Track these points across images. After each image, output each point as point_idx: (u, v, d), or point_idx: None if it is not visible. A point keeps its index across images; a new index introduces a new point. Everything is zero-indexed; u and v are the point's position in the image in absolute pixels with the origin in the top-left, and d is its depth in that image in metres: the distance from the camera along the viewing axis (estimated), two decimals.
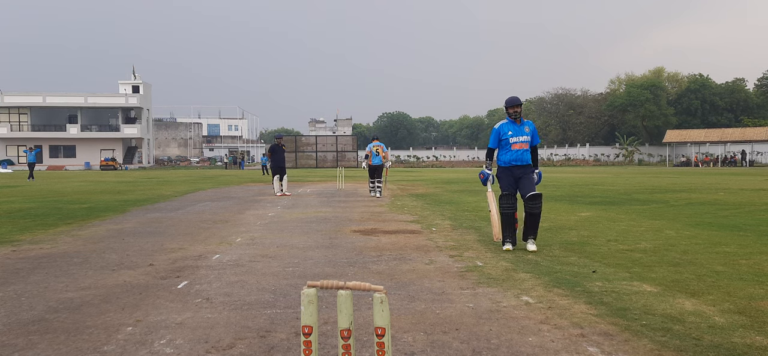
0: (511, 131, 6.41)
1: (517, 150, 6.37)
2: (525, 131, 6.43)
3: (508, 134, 6.40)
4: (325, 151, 61.15)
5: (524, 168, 6.39)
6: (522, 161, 6.37)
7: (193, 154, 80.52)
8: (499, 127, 6.48)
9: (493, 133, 6.51)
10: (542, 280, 4.86)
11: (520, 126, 6.44)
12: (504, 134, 6.43)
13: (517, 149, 6.37)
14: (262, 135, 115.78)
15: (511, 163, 6.38)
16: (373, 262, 5.80)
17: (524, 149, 6.38)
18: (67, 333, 3.54)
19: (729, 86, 71.24)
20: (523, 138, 6.39)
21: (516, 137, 6.38)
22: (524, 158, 6.38)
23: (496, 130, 6.50)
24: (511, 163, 6.38)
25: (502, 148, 6.44)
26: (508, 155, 6.39)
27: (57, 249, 6.67)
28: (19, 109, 60.87)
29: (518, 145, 6.37)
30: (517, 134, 6.40)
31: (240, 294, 4.49)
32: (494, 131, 6.50)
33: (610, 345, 3.24)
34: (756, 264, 5.41)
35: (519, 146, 6.37)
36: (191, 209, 11.90)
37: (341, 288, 2.12)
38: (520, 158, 6.37)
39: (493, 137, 6.50)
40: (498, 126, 6.50)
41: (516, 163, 6.37)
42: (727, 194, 14.59)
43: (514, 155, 6.37)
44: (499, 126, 6.49)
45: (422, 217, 9.92)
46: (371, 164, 15.23)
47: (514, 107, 6.43)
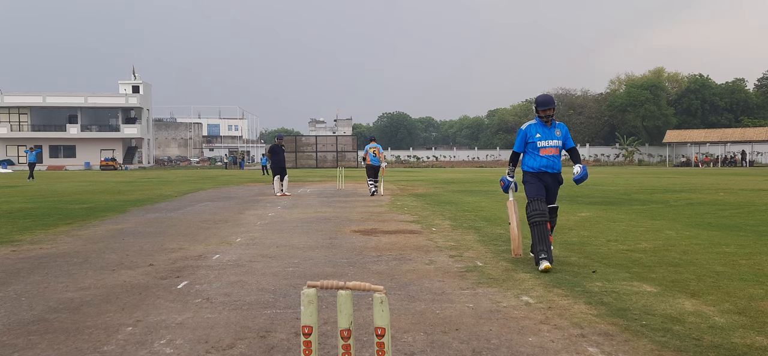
0: (540, 133, 5.63)
1: (548, 156, 5.60)
2: (556, 134, 5.66)
3: (535, 138, 5.63)
4: (325, 151, 61.15)
5: (554, 177, 5.67)
6: (553, 169, 5.62)
7: (193, 154, 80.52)
8: (526, 128, 5.72)
9: (520, 135, 5.75)
10: (542, 280, 4.86)
11: (550, 129, 5.66)
12: (531, 137, 5.66)
13: (547, 154, 5.60)
14: (262, 135, 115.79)
15: (541, 169, 5.63)
16: (373, 262, 5.80)
17: (555, 156, 5.63)
18: (67, 333, 3.54)
19: (729, 86, 71.25)
20: (553, 143, 5.63)
21: (545, 142, 5.61)
22: (555, 166, 5.63)
23: (522, 131, 5.74)
24: (541, 169, 5.63)
25: (529, 153, 5.71)
26: (535, 161, 5.64)
27: (57, 249, 6.67)
28: (19, 109, 60.86)
29: (548, 150, 5.60)
30: (547, 138, 5.63)
31: (240, 294, 4.49)
32: (520, 133, 5.75)
33: (610, 345, 3.24)
34: (756, 264, 5.41)
35: (549, 152, 5.60)
36: (191, 209, 11.90)
37: (341, 288, 2.12)
38: (551, 165, 5.61)
39: (519, 140, 5.75)
40: (525, 127, 5.74)
41: (546, 169, 5.62)
42: (727, 194, 14.59)
43: (544, 162, 5.61)
44: (526, 127, 5.73)
45: (422, 217, 9.92)
46: (369, 164, 16.25)
47: (546, 108, 5.63)
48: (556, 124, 5.73)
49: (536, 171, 5.65)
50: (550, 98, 5.68)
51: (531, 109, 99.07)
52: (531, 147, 5.69)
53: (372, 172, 16.11)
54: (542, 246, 5.28)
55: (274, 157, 16.32)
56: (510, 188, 5.95)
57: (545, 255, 5.24)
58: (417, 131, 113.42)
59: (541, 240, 5.31)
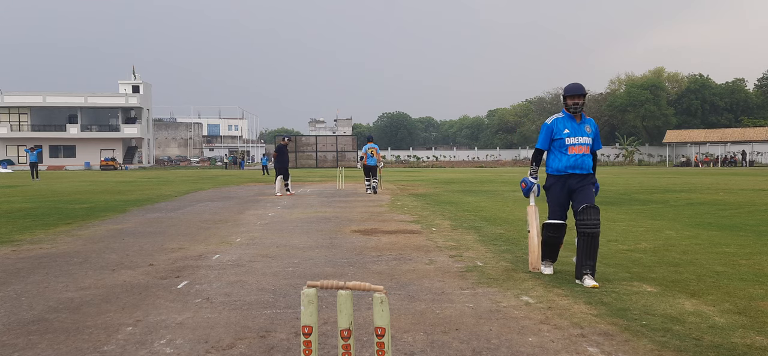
0: (569, 129, 4.94)
1: (576, 154, 4.90)
2: (585, 131, 4.97)
3: (563, 133, 4.94)
4: (325, 151, 61.14)
5: (583, 178, 4.94)
6: (582, 169, 4.92)
7: (193, 154, 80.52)
8: (552, 122, 5.02)
9: (544, 130, 5.05)
10: (542, 280, 4.86)
11: (580, 124, 4.97)
12: (558, 133, 4.97)
13: (576, 153, 4.90)
14: (262, 135, 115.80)
15: (567, 170, 4.91)
16: (373, 262, 5.80)
17: (585, 154, 4.93)
18: (67, 333, 3.54)
19: (729, 86, 71.28)
20: (583, 140, 4.93)
21: (574, 138, 4.92)
22: (585, 165, 4.93)
23: (547, 126, 5.03)
24: (568, 170, 4.90)
25: (555, 151, 5.00)
26: (563, 160, 4.93)
27: (57, 249, 6.67)
28: (19, 109, 60.87)
29: (577, 148, 4.91)
30: (577, 134, 4.93)
31: (240, 294, 4.49)
32: (545, 128, 5.04)
33: (610, 345, 3.24)
34: (756, 264, 5.41)
35: (578, 150, 4.91)
36: (191, 209, 11.90)
37: (341, 288, 2.12)
38: (580, 165, 4.90)
39: (544, 136, 5.05)
40: (551, 121, 5.04)
41: (574, 170, 4.90)
42: (727, 194, 14.59)
43: (572, 161, 4.90)
44: (552, 121, 5.03)
45: (422, 217, 9.92)
46: (366, 164, 16.90)
47: (576, 97, 4.92)
48: (585, 118, 5.05)
49: (562, 173, 4.94)
50: (580, 86, 4.97)
51: (531, 109, 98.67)
52: (557, 145, 4.98)
53: (369, 171, 16.80)
54: (549, 254, 5.13)
55: (281, 157, 16.36)
56: (532, 192, 5.22)
57: (550, 260, 5.13)
58: (417, 131, 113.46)
59: (550, 250, 5.10)
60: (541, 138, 5.07)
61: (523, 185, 5.26)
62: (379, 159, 17.16)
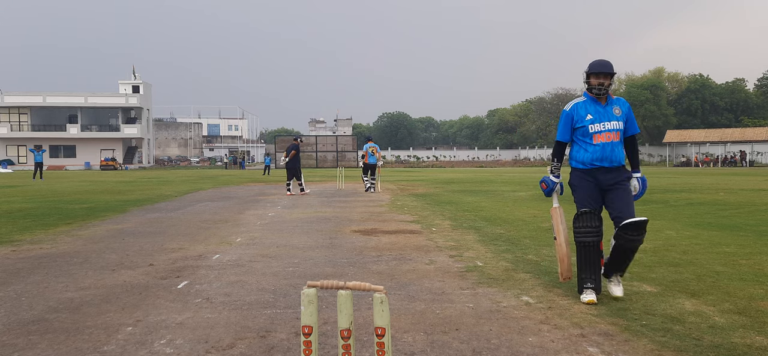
0: (592, 114, 4.24)
1: (603, 144, 4.20)
2: (614, 113, 4.24)
3: (586, 120, 4.24)
4: (325, 151, 61.15)
5: (614, 172, 4.23)
6: (610, 161, 4.21)
7: (193, 154, 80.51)
8: (571, 109, 4.34)
9: (563, 119, 4.38)
10: (542, 280, 4.86)
11: (606, 107, 4.26)
12: (580, 120, 4.27)
13: (603, 142, 4.20)
14: (262, 135, 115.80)
15: (593, 163, 4.24)
16: (373, 262, 5.80)
17: (614, 142, 4.20)
18: (67, 333, 3.54)
19: (729, 86, 71.28)
20: (611, 125, 4.20)
21: (599, 124, 4.21)
22: (614, 157, 4.21)
23: (567, 113, 4.35)
24: (594, 163, 4.23)
25: (579, 141, 4.31)
26: (587, 152, 4.24)
27: (57, 249, 6.67)
28: (19, 109, 60.87)
29: (604, 136, 4.19)
30: (602, 119, 4.21)
31: (240, 294, 4.49)
32: (564, 116, 4.37)
33: (610, 345, 3.24)
34: (756, 264, 5.41)
35: (605, 138, 4.19)
36: (191, 209, 11.90)
37: (341, 288, 2.12)
38: (608, 157, 4.20)
39: (563, 125, 4.36)
40: (570, 107, 4.36)
41: (602, 163, 4.21)
42: (727, 194, 14.59)
43: (598, 153, 4.21)
44: (571, 107, 4.35)
45: (422, 217, 9.91)
46: (367, 163, 17.38)
47: (601, 75, 4.21)
48: (612, 99, 4.30)
49: (588, 167, 4.26)
50: (608, 62, 4.24)
51: (531, 109, 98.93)
52: (580, 134, 4.28)
53: (369, 170, 17.29)
54: (589, 273, 4.16)
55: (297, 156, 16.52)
56: (554, 192, 4.56)
57: (592, 284, 4.14)
58: (417, 131, 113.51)
59: (588, 265, 4.16)
60: (561, 128, 4.38)
61: (543, 186, 4.53)
62: (378, 158, 17.56)
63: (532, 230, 7.95)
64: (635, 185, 4.29)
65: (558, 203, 4.56)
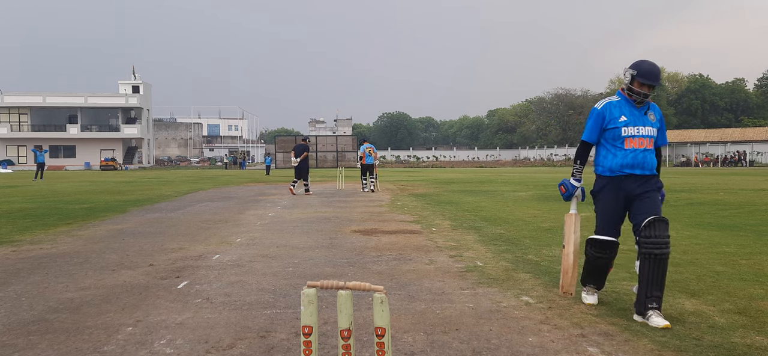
0: (627, 116, 3.91)
1: (636, 150, 3.87)
2: (649, 119, 3.94)
3: (620, 122, 3.90)
4: (325, 151, 61.17)
5: (645, 181, 3.91)
6: (643, 169, 3.88)
7: (193, 154, 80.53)
8: (603, 107, 3.98)
9: (593, 117, 4.01)
10: (542, 280, 4.86)
11: (640, 110, 3.94)
12: (613, 121, 3.92)
13: (635, 147, 3.87)
14: (262, 135, 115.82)
15: (623, 170, 3.88)
16: (373, 262, 5.80)
17: (647, 150, 3.89)
18: (67, 333, 3.54)
19: (729, 86, 71.33)
20: (646, 131, 3.90)
21: (634, 128, 3.88)
22: (646, 165, 3.88)
23: (598, 112, 3.99)
24: (624, 170, 3.88)
25: (607, 145, 3.96)
26: (616, 157, 3.90)
27: (57, 249, 6.67)
28: (19, 109, 60.89)
29: (637, 141, 3.87)
30: (637, 123, 3.90)
31: (240, 294, 4.49)
32: (595, 115, 4.00)
33: (610, 345, 3.25)
34: (756, 264, 5.41)
35: (638, 144, 3.87)
36: (191, 209, 11.90)
37: (341, 288, 2.12)
38: (640, 164, 3.87)
39: (592, 124, 4.00)
40: (601, 106, 4.00)
41: (633, 171, 3.88)
42: (727, 194, 14.59)
43: (629, 159, 3.87)
44: (603, 106, 3.99)
45: (422, 217, 9.92)
46: (365, 164, 17.57)
47: (648, 83, 3.85)
48: (649, 104, 3.99)
49: (616, 174, 3.91)
50: (658, 72, 3.91)
51: (531, 109, 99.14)
52: (611, 136, 3.93)
53: (367, 170, 17.52)
54: (593, 278, 4.06)
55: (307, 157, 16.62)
56: (573, 197, 4.22)
57: (594, 285, 4.08)
58: (417, 131, 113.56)
59: (594, 273, 4.04)
60: (589, 128, 4.00)
61: (562, 190, 4.19)
62: (376, 158, 17.83)
63: (532, 231, 7.95)
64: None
65: (576, 210, 4.21)
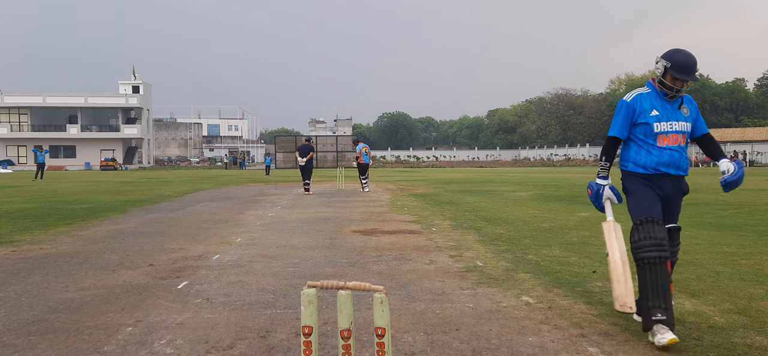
0: (658, 110, 3.52)
1: (671, 148, 3.49)
2: (683, 113, 3.56)
3: (651, 116, 3.50)
4: (325, 151, 61.16)
5: (679, 183, 3.60)
6: (677, 169, 3.54)
7: (193, 154, 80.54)
8: (633, 100, 3.57)
9: (622, 111, 3.59)
10: (542, 280, 4.86)
11: (673, 104, 3.55)
12: (643, 115, 3.52)
13: (669, 145, 3.49)
14: (262, 135, 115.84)
15: (657, 169, 3.50)
16: (373, 262, 5.80)
17: (681, 147, 3.54)
18: (67, 333, 3.54)
19: (729, 86, 71.31)
20: (680, 126, 3.52)
21: (666, 123, 3.49)
22: (682, 164, 3.55)
23: (628, 105, 3.58)
24: (659, 169, 3.50)
25: (639, 141, 3.56)
26: (650, 156, 3.51)
27: (57, 249, 6.67)
28: (19, 109, 60.90)
29: (671, 138, 3.50)
30: (669, 118, 3.50)
31: (240, 294, 4.49)
32: (624, 108, 3.58)
33: (610, 345, 3.24)
34: (756, 264, 5.41)
35: (672, 140, 3.50)
36: (191, 209, 11.90)
37: (341, 288, 2.12)
38: (676, 163, 3.51)
39: (622, 118, 3.58)
40: (631, 98, 3.59)
41: (668, 170, 3.51)
42: (727, 193, 14.58)
43: (666, 157, 3.49)
44: (632, 99, 3.58)
45: (422, 217, 9.91)
46: (362, 163, 17.64)
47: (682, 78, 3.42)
48: (682, 97, 3.59)
49: (651, 173, 3.52)
50: (694, 64, 3.48)
51: (531, 109, 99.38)
52: (642, 132, 3.54)
53: (364, 170, 17.64)
54: (657, 299, 3.25)
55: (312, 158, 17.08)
56: (605, 199, 3.69)
57: (663, 315, 3.21)
58: (417, 131, 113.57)
59: (656, 288, 3.26)
60: (618, 122, 3.58)
61: (589, 192, 3.77)
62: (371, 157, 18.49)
63: (532, 231, 7.95)
64: (729, 166, 3.54)
65: (612, 215, 3.65)
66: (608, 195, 3.66)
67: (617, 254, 3.48)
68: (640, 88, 3.66)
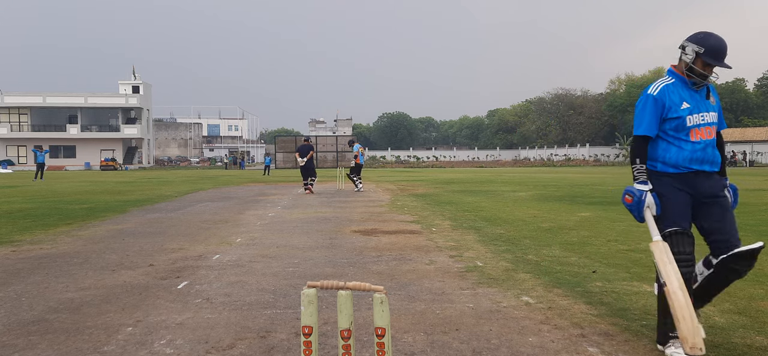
0: (688, 102, 3.21)
1: (704, 142, 3.20)
2: (710, 104, 3.26)
3: (683, 109, 3.19)
4: (325, 151, 61.14)
5: (713, 179, 3.25)
6: (712, 164, 3.23)
7: (193, 154, 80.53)
8: (660, 93, 3.22)
9: (649, 105, 3.23)
10: (542, 280, 4.86)
11: (701, 93, 3.25)
12: (674, 108, 3.19)
13: (703, 139, 3.20)
14: (262, 135, 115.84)
15: (690, 167, 3.19)
16: (373, 262, 5.80)
17: (712, 140, 3.24)
18: (67, 333, 3.54)
19: (729, 86, 71.31)
20: (710, 117, 3.23)
21: (697, 115, 3.20)
22: (715, 159, 3.24)
23: (654, 98, 3.23)
24: (692, 166, 3.19)
25: (669, 137, 3.23)
26: (683, 150, 3.19)
27: (57, 249, 6.67)
28: (19, 109, 60.89)
29: (704, 131, 3.21)
30: (700, 109, 3.21)
31: (240, 294, 4.49)
32: (652, 101, 3.23)
33: (610, 346, 3.25)
34: (756, 264, 5.39)
35: (704, 134, 3.21)
36: (191, 209, 11.90)
37: (341, 288, 2.12)
38: (709, 158, 3.21)
39: (650, 113, 3.23)
40: (657, 90, 3.23)
41: (701, 167, 3.19)
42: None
43: (699, 153, 3.18)
44: (659, 91, 3.23)
45: (422, 217, 9.91)
46: (358, 164, 17.80)
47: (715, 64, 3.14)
48: (708, 86, 3.29)
49: (683, 172, 3.21)
50: (726, 47, 3.16)
51: (531, 109, 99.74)
52: (672, 127, 3.22)
53: (359, 170, 17.79)
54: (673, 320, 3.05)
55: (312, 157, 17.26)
56: (646, 208, 3.22)
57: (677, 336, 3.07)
58: (417, 131, 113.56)
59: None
60: (646, 118, 3.23)
61: (628, 200, 3.26)
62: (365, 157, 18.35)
63: (532, 231, 7.95)
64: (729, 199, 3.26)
65: (659, 235, 3.18)
66: (650, 203, 3.21)
67: (676, 284, 2.98)
68: (664, 78, 3.30)
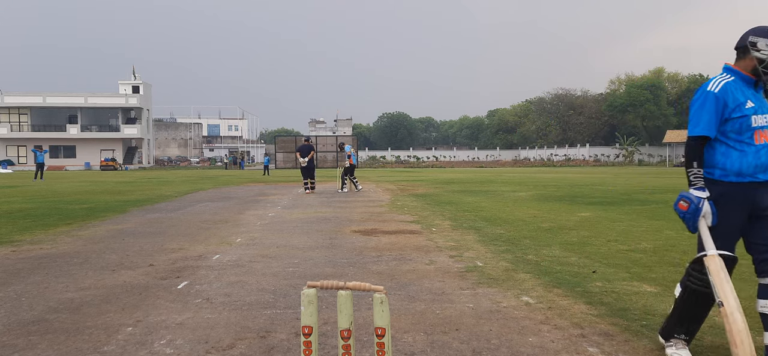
0: (752, 101, 2.92)
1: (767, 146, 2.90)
2: None
3: (747, 109, 2.88)
4: (325, 151, 61.14)
5: None
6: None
7: (193, 154, 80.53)
8: (721, 90, 2.90)
9: (710, 101, 2.91)
10: (542, 280, 4.86)
11: (759, 92, 2.97)
12: (738, 108, 2.89)
13: (766, 142, 2.90)
14: (262, 135, 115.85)
15: (755, 175, 2.89)
16: (373, 262, 5.80)
17: None
18: (67, 333, 3.54)
19: None
20: None
21: (762, 116, 2.91)
22: None
23: (715, 95, 2.91)
24: (756, 175, 2.89)
25: (729, 140, 2.92)
26: (747, 156, 2.89)
27: (57, 249, 6.67)
28: (19, 109, 60.88)
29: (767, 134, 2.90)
30: (764, 110, 2.93)
31: (240, 294, 4.49)
32: (712, 99, 2.91)
33: (610, 346, 3.25)
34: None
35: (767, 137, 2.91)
36: (191, 209, 11.90)
37: (341, 288, 2.12)
38: None
39: (712, 113, 2.90)
40: (718, 88, 2.91)
41: (765, 175, 2.91)
42: None
43: (763, 157, 2.89)
44: (721, 88, 2.90)
45: (422, 217, 9.91)
46: (351, 164, 18.20)
47: None
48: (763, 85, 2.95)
49: (745, 181, 2.90)
50: None
51: (531, 109, 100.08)
52: (733, 128, 2.90)
53: (352, 170, 18.16)
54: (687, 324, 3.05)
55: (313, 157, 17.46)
56: (701, 216, 2.90)
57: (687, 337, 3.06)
58: (417, 131, 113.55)
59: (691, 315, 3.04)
60: (704, 117, 2.91)
61: (682, 206, 2.93)
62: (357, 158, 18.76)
63: (532, 231, 7.95)
64: None
65: (715, 249, 2.88)
66: (707, 212, 2.89)
67: (734, 305, 2.74)
68: (724, 76, 2.97)
